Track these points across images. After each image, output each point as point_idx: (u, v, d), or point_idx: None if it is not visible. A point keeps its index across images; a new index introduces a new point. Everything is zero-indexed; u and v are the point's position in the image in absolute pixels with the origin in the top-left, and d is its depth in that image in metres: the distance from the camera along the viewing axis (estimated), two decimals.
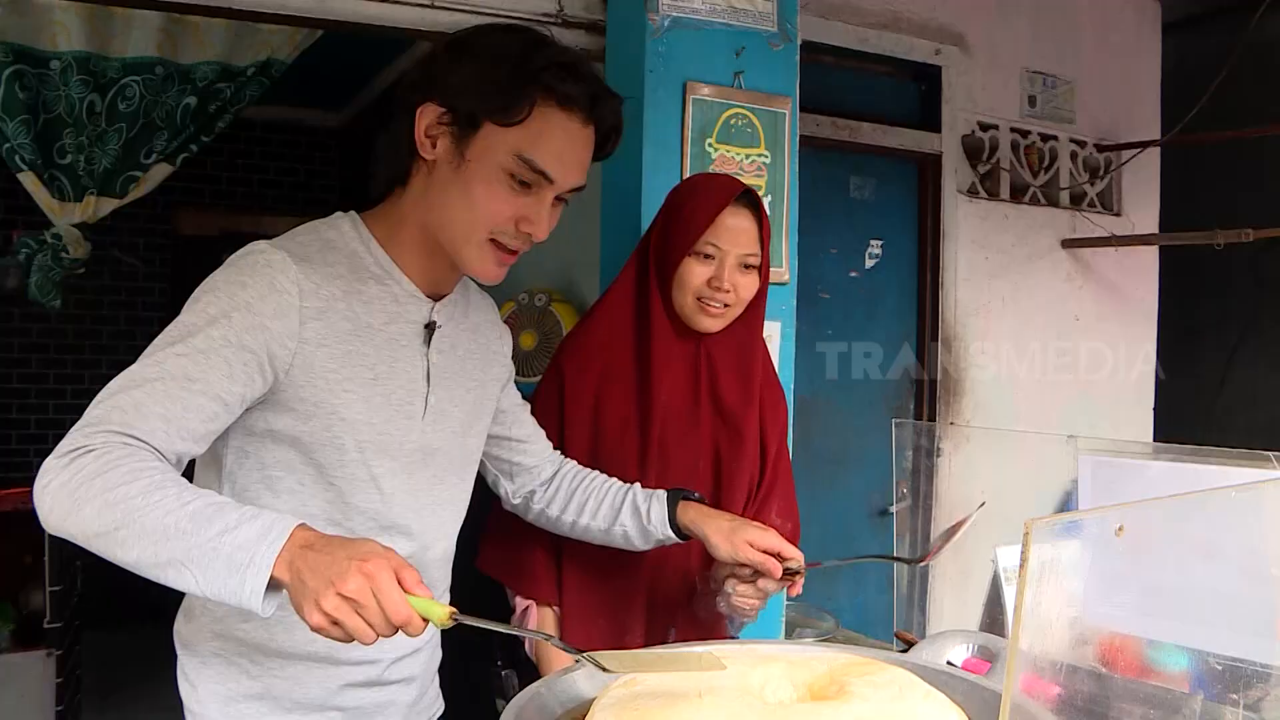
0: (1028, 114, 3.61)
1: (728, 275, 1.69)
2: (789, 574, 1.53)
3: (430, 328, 1.37)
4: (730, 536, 1.52)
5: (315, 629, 0.99)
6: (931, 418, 3.50)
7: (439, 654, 1.56)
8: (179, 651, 1.38)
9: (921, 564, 1.31)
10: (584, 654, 1.03)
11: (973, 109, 3.49)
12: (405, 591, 1.00)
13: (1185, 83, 3.74)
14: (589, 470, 1.68)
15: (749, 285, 1.73)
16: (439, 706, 1.57)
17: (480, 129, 1.24)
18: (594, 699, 1.06)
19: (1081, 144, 3.76)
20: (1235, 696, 1.48)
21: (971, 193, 3.51)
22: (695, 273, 1.70)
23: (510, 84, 1.22)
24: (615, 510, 1.61)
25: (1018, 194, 3.61)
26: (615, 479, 1.67)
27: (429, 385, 1.36)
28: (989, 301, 3.54)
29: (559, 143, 1.26)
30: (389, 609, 0.98)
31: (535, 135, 1.24)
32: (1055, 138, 3.69)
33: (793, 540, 1.81)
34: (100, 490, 1.02)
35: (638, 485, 1.65)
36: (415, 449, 1.36)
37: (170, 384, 1.12)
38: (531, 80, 1.23)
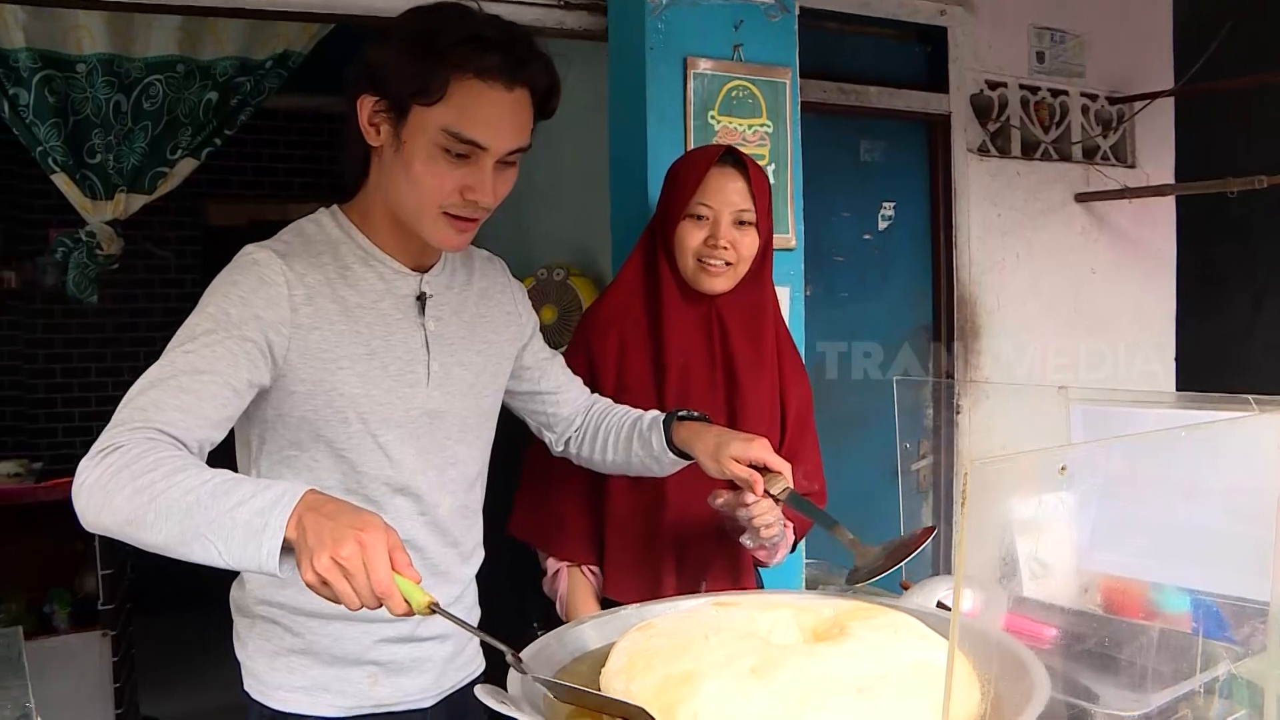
0: (1036, 70, 3.62)
1: (723, 233, 1.76)
2: (772, 497, 1.50)
3: (421, 299, 1.46)
4: (716, 453, 1.52)
5: (307, 585, 1.06)
6: (950, 374, 3.54)
7: (477, 612, 1.65)
8: (233, 615, 1.50)
9: (859, 585, 1.36)
10: (538, 678, 1.04)
11: (980, 68, 3.50)
12: (395, 571, 1.05)
13: (1198, 30, 3.73)
14: (612, 404, 1.75)
15: (748, 243, 1.79)
16: (479, 664, 1.65)
17: (410, 111, 1.31)
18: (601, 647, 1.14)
19: (1093, 97, 3.75)
20: (1231, 634, 1.53)
21: (982, 151, 3.52)
22: (692, 234, 1.77)
23: (423, 65, 1.29)
24: (629, 440, 1.66)
25: (1029, 150, 3.62)
26: (632, 409, 1.72)
27: (429, 352, 1.46)
28: (1003, 258, 3.57)
29: (485, 111, 1.31)
30: (374, 580, 1.04)
31: (458, 109, 1.30)
32: (1066, 92, 3.68)
33: (819, 501, 1.88)
34: (128, 480, 1.11)
35: (644, 412, 1.68)
36: (421, 414, 1.44)
37: (182, 379, 1.22)
38: (441, 59, 1.28)
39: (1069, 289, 3.70)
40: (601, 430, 1.71)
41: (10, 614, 3.47)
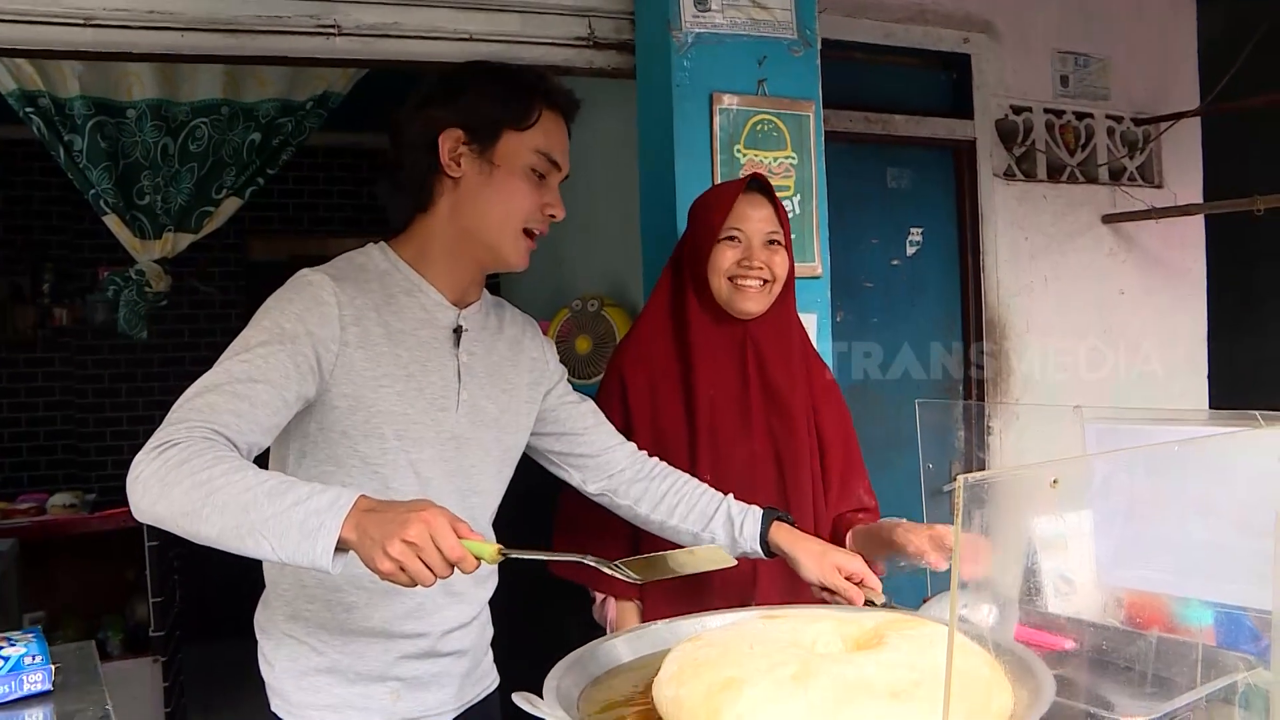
0: (1061, 94, 3.66)
1: (756, 254, 1.83)
2: (869, 604, 1.62)
3: (458, 331, 1.55)
4: (820, 560, 1.65)
5: (385, 575, 1.14)
6: (981, 397, 3.56)
7: (490, 629, 1.72)
8: (258, 637, 1.56)
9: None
10: (615, 563, 1.31)
11: (1004, 93, 3.55)
12: (459, 537, 1.16)
13: (1223, 49, 3.75)
14: (680, 472, 1.80)
15: (780, 262, 1.86)
16: (493, 679, 1.73)
17: (500, 139, 1.48)
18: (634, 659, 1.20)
19: (1118, 119, 3.79)
20: (1253, 645, 1.56)
21: (1008, 175, 3.57)
22: (725, 255, 1.84)
23: (521, 96, 1.50)
24: (707, 517, 1.73)
25: (1055, 174, 3.66)
26: (708, 486, 1.78)
27: (460, 381, 1.54)
28: (1031, 282, 3.60)
29: (559, 136, 1.54)
30: (445, 548, 1.14)
31: (545, 134, 1.51)
32: (1090, 115, 3.72)
33: (872, 518, 1.94)
34: (188, 474, 1.19)
35: (731, 497, 1.75)
36: (450, 437, 1.53)
37: (238, 385, 1.31)
38: (534, 91, 1.51)
39: (1098, 310, 3.72)
40: (669, 495, 1.75)
41: (67, 639, 3.57)
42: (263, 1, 2.21)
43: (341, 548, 1.16)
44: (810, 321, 2.51)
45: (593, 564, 1.28)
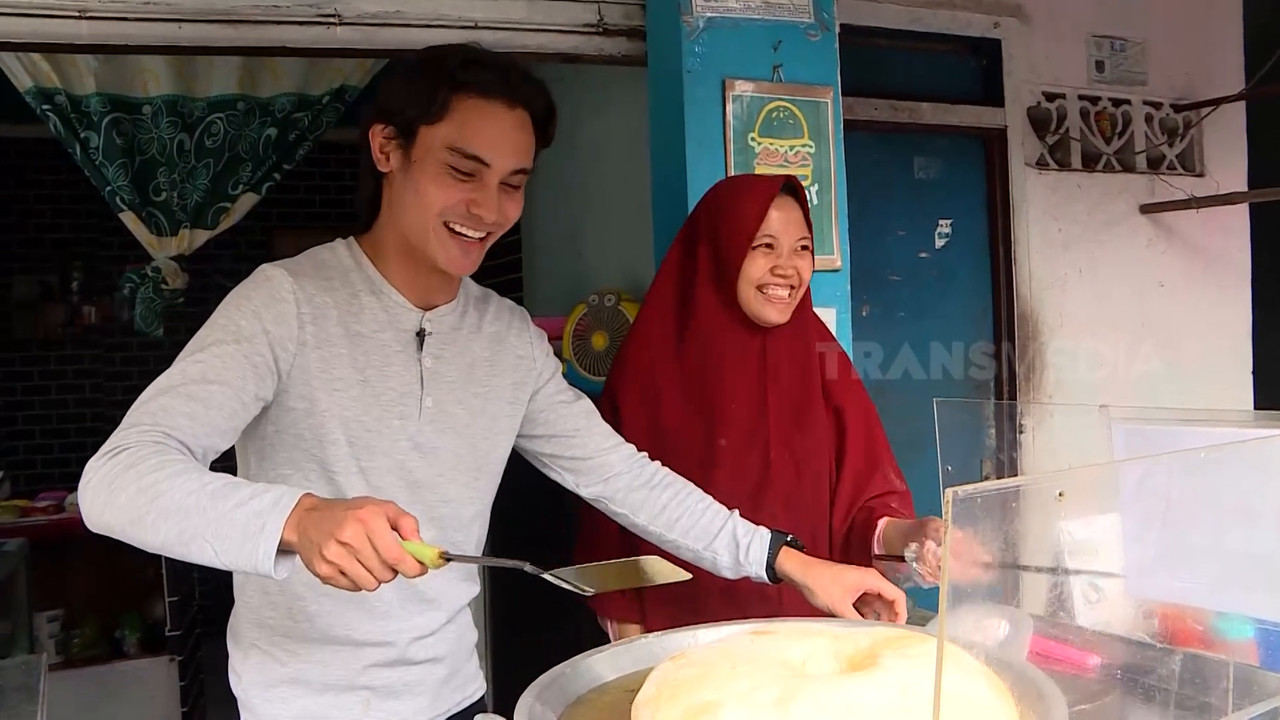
0: (1096, 80, 3.53)
1: (787, 260, 1.77)
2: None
3: (421, 335, 1.47)
4: (830, 587, 1.56)
5: (325, 579, 1.08)
6: (1013, 395, 3.45)
7: (472, 634, 1.64)
8: (229, 646, 1.52)
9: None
10: (556, 571, 1.18)
11: (1036, 80, 3.43)
12: (401, 537, 1.09)
13: (1270, 30, 3.60)
14: (684, 481, 1.68)
15: (806, 266, 1.81)
16: (478, 686, 1.64)
17: (417, 134, 1.36)
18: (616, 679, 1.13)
19: (1157, 105, 3.65)
20: None
21: (1040, 164, 3.45)
22: (758, 264, 1.77)
23: (427, 85, 1.35)
24: (711, 535, 1.62)
25: (1090, 162, 3.53)
26: (714, 500, 1.67)
27: (423, 388, 1.46)
28: (1065, 273, 3.48)
29: (487, 127, 1.36)
30: (382, 550, 1.06)
31: (460, 125, 1.35)
32: (1127, 101, 3.59)
33: (905, 504, 1.86)
34: (134, 479, 1.13)
35: (737, 514, 1.65)
36: (410, 447, 1.45)
37: (192, 387, 1.25)
38: (443, 78, 1.35)
39: (1136, 303, 3.59)
40: (671, 506, 1.65)
41: (84, 639, 3.58)
42: None
43: (287, 550, 1.10)
44: (829, 316, 2.43)
45: (530, 571, 1.18)
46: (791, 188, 1.80)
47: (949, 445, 1.94)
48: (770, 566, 1.60)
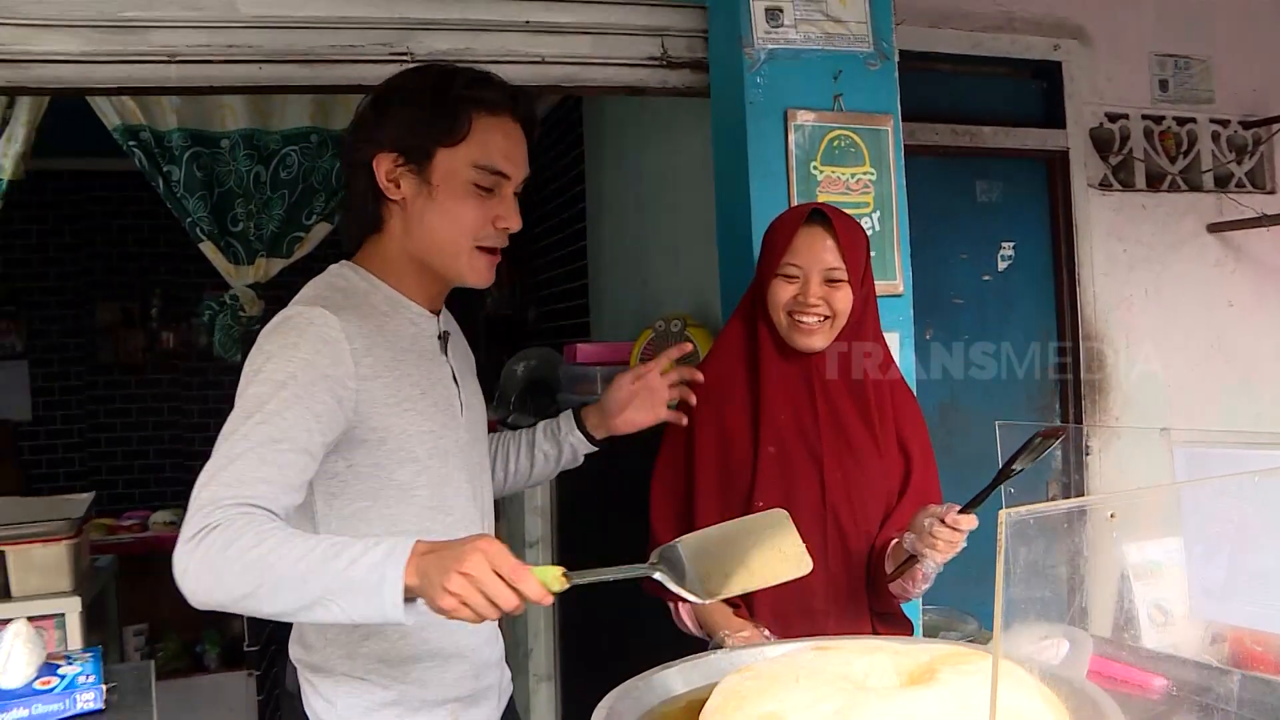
0: (1160, 99, 3.51)
1: (813, 291, 1.77)
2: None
3: (444, 337, 1.55)
4: (613, 392, 1.79)
5: (449, 612, 1.12)
6: (1079, 418, 3.43)
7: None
8: (309, 677, 1.50)
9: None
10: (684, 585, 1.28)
11: (1099, 101, 3.42)
12: None
13: None
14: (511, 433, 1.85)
15: (840, 298, 1.79)
16: (510, 687, 1.72)
17: (434, 157, 1.41)
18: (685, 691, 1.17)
19: (1224, 123, 3.62)
20: None
21: (1104, 185, 3.43)
22: (782, 291, 1.79)
23: (444, 110, 1.40)
24: (531, 444, 1.80)
25: (1155, 182, 3.51)
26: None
27: (458, 386, 1.55)
28: (1130, 294, 3.45)
29: (503, 142, 1.45)
30: (506, 572, 1.11)
31: (481, 144, 1.42)
32: (1193, 120, 3.56)
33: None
34: (236, 557, 1.16)
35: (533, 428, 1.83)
36: (467, 442, 1.54)
37: (262, 450, 1.26)
38: (459, 101, 1.41)
39: (1204, 324, 3.55)
40: (500, 451, 1.81)
41: (167, 653, 3.70)
42: (337, 33, 2.25)
43: (410, 596, 1.14)
44: (894, 340, 2.44)
45: (659, 578, 1.25)
46: (826, 218, 1.80)
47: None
48: (581, 429, 1.78)
